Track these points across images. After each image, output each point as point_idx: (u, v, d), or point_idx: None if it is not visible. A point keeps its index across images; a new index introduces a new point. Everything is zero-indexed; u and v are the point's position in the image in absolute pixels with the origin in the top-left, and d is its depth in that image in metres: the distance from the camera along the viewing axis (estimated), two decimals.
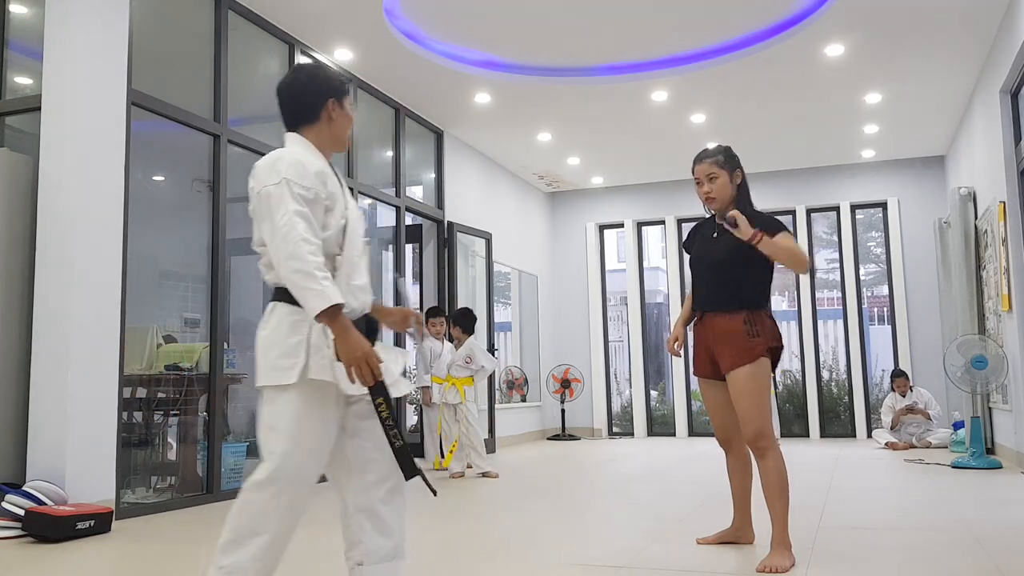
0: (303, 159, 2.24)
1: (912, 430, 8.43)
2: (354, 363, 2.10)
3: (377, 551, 2.34)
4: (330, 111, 2.35)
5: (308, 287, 2.08)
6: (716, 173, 3.39)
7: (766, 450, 3.19)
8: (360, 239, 2.40)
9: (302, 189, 2.17)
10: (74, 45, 4.50)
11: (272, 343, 2.19)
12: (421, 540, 3.96)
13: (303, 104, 2.35)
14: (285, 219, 2.12)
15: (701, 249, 3.47)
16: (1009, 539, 3.61)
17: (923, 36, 6.35)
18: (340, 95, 2.38)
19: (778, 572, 2.99)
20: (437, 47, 6.55)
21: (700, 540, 3.58)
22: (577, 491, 5.55)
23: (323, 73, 2.39)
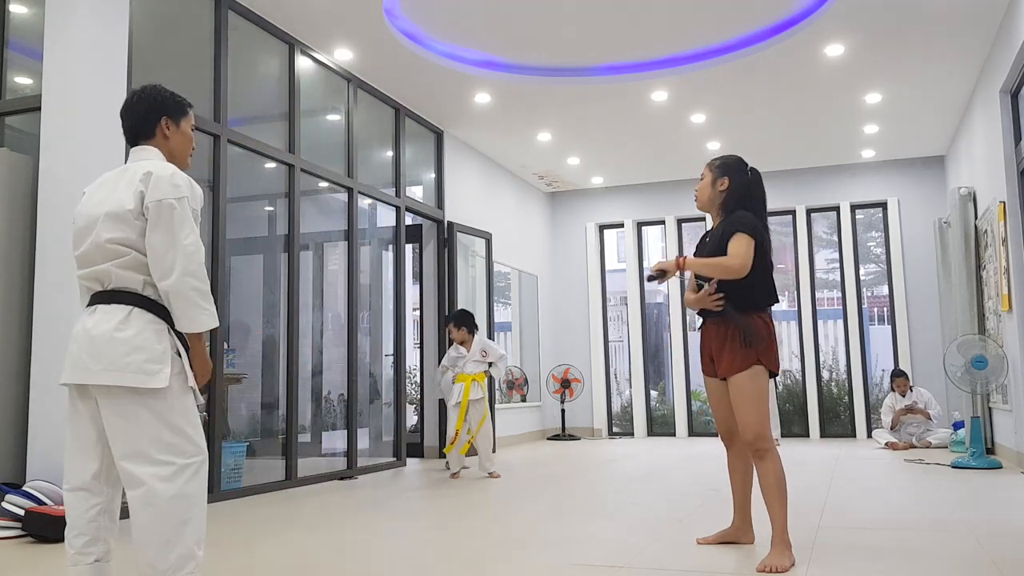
0: (191, 180, 2.43)
1: (912, 430, 8.43)
2: (205, 375, 2.45)
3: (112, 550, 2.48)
4: (163, 129, 2.54)
5: (203, 306, 2.37)
6: (704, 175, 3.56)
7: (765, 452, 3.24)
8: None
9: (192, 211, 2.38)
10: (74, 45, 4.50)
11: (137, 346, 2.32)
12: (421, 540, 3.96)
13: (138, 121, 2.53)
14: (191, 239, 2.34)
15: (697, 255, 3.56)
16: (1009, 539, 3.61)
17: (923, 36, 6.35)
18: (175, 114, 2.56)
19: (778, 572, 3.00)
20: (437, 47, 6.55)
21: (700, 540, 3.58)
22: (577, 491, 5.55)
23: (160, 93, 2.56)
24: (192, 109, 2.65)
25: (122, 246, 2.36)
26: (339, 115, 6.93)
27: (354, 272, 6.84)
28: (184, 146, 2.60)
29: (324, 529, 4.19)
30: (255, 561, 3.44)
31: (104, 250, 2.37)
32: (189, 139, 2.61)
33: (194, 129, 2.65)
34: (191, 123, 2.61)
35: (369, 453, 7.58)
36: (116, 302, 2.37)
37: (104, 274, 2.38)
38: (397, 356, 7.47)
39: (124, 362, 2.29)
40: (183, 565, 2.27)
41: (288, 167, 6.18)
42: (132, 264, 2.36)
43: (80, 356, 2.34)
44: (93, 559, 2.40)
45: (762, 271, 3.33)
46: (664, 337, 11.52)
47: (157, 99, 2.54)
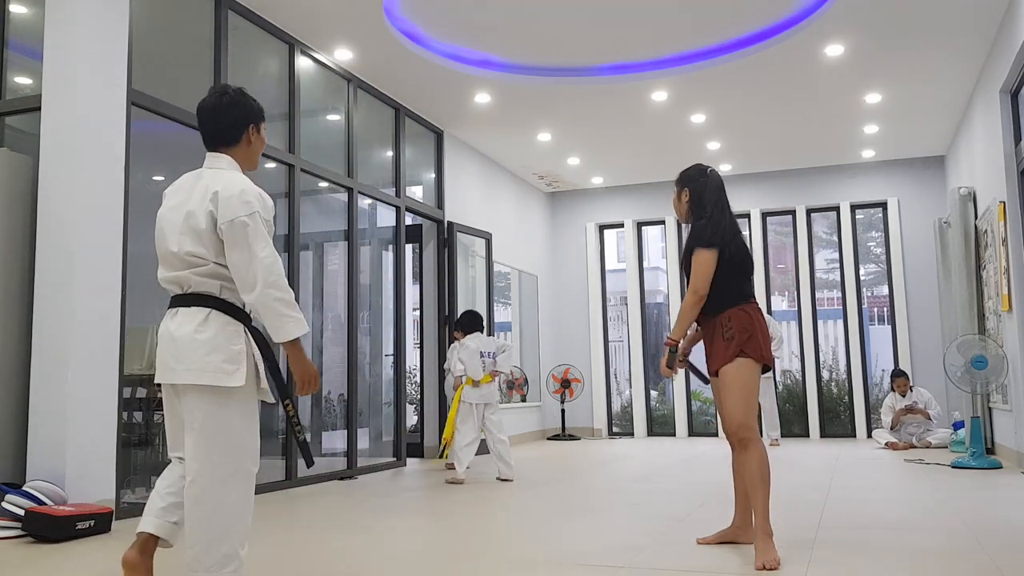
0: (261, 191, 2.52)
1: (912, 430, 8.43)
2: (308, 380, 2.51)
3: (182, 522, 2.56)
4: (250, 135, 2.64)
5: (290, 315, 2.43)
6: (674, 192, 3.66)
7: (748, 441, 3.30)
8: None
9: (265, 223, 2.47)
10: (74, 45, 4.50)
11: (215, 347, 2.44)
12: (421, 540, 3.96)
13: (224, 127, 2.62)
14: (267, 252, 2.43)
15: None
16: (1009, 539, 3.61)
17: (923, 36, 6.35)
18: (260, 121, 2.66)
19: (773, 568, 3.04)
20: (437, 47, 6.55)
21: (700, 540, 3.58)
22: (577, 491, 5.55)
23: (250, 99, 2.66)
24: None
25: (199, 257, 2.47)
26: (339, 115, 6.93)
27: (354, 272, 6.84)
28: (259, 151, 2.73)
29: (324, 529, 4.19)
30: (255, 561, 3.44)
31: (183, 260, 2.49)
32: (263, 144, 2.74)
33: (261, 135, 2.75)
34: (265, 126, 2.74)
35: (369, 453, 7.57)
36: (196, 304, 2.48)
37: (184, 280, 2.50)
38: (397, 356, 7.47)
39: (204, 361, 2.42)
40: (226, 564, 2.40)
41: (288, 167, 6.18)
42: (209, 272, 2.48)
43: (165, 357, 2.49)
44: (174, 519, 2.56)
45: (727, 276, 3.39)
46: (664, 337, 11.51)
47: (249, 106, 2.65)
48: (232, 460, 2.43)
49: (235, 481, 2.42)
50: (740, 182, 10.25)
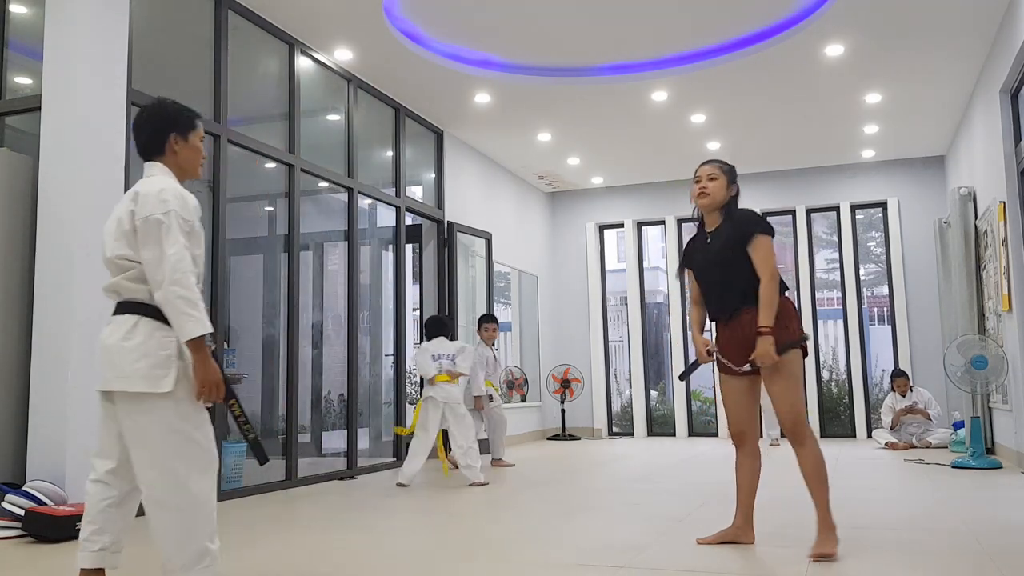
0: (185, 193, 2.55)
1: (912, 430, 8.43)
2: (209, 385, 2.50)
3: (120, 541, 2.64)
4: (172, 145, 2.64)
5: (190, 314, 2.43)
6: (717, 175, 3.55)
7: (804, 437, 3.30)
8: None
9: (183, 222, 2.49)
10: (74, 45, 4.49)
11: (144, 353, 2.47)
12: (421, 540, 3.96)
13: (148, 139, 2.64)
14: (175, 249, 2.44)
15: (702, 257, 3.53)
16: (1009, 539, 3.61)
17: (923, 36, 6.35)
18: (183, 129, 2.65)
19: (828, 558, 3.10)
20: (437, 47, 6.55)
21: (700, 540, 3.58)
22: (577, 491, 5.55)
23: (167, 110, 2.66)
24: (200, 120, 2.74)
25: (128, 260, 2.51)
26: (339, 115, 6.93)
27: (354, 272, 6.84)
28: (193, 159, 2.71)
29: (324, 529, 4.19)
30: (255, 561, 3.44)
31: (115, 265, 2.54)
32: (197, 151, 2.72)
33: (202, 140, 2.74)
34: (200, 135, 2.72)
35: (369, 453, 7.57)
36: (127, 312, 2.53)
37: (118, 286, 2.54)
38: (397, 356, 7.47)
39: (132, 369, 2.46)
40: (199, 560, 2.46)
41: (288, 167, 6.18)
42: (138, 276, 2.51)
43: (100, 365, 2.54)
44: (98, 547, 2.59)
45: None
46: (664, 337, 11.52)
47: (165, 116, 2.66)
48: (184, 461, 2.46)
49: (192, 481, 2.46)
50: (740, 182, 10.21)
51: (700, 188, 3.52)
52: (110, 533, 2.61)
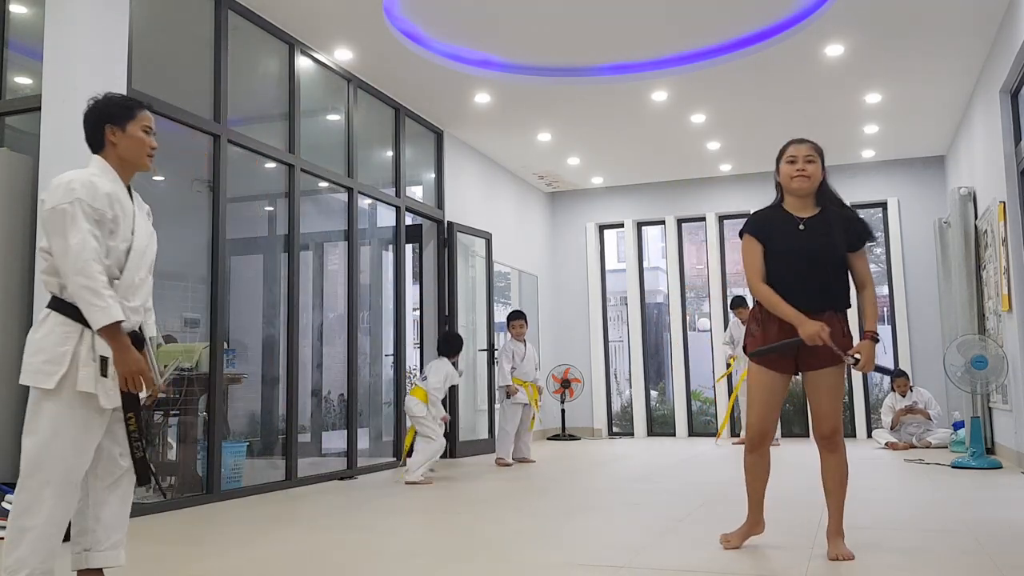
0: (96, 181, 2.49)
1: (912, 430, 8.43)
2: (130, 375, 2.41)
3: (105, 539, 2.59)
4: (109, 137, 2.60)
5: (95, 303, 2.34)
6: (815, 157, 3.30)
7: (839, 445, 3.30)
8: (147, 263, 2.62)
9: (91, 210, 2.42)
10: (74, 45, 4.49)
11: (40, 348, 2.43)
12: (421, 540, 3.96)
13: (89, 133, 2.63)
14: (78, 238, 2.37)
15: (791, 243, 3.25)
16: (1009, 539, 3.61)
17: (923, 36, 6.35)
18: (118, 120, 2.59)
19: (847, 559, 3.15)
20: (437, 47, 6.55)
21: (727, 545, 3.41)
22: (577, 491, 5.55)
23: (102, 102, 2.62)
24: (143, 109, 2.65)
25: (45, 252, 2.48)
26: (339, 115, 6.93)
27: (354, 272, 6.84)
28: (133, 149, 2.62)
29: (324, 529, 4.19)
30: (255, 561, 3.44)
31: (39, 259, 2.52)
32: (139, 142, 2.63)
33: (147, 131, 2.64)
34: (142, 124, 2.63)
35: (369, 453, 7.57)
36: (47, 306, 2.50)
37: (43, 280, 2.52)
38: (397, 356, 7.47)
39: (28, 361, 2.44)
40: (17, 570, 2.33)
41: (288, 167, 6.18)
42: (50, 268, 2.47)
43: None
44: (80, 548, 2.58)
45: None
46: (664, 337, 11.51)
47: (100, 109, 2.62)
48: (29, 464, 2.39)
49: (23, 491, 2.38)
50: (740, 182, 10.25)
51: (799, 171, 3.24)
52: (89, 533, 2.57)
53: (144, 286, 2.61)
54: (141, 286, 2.59)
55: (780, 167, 3.35)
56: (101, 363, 2.41)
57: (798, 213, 3.29)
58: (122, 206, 2.54)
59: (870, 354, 3.17)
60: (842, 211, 3.31)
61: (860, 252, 3.26)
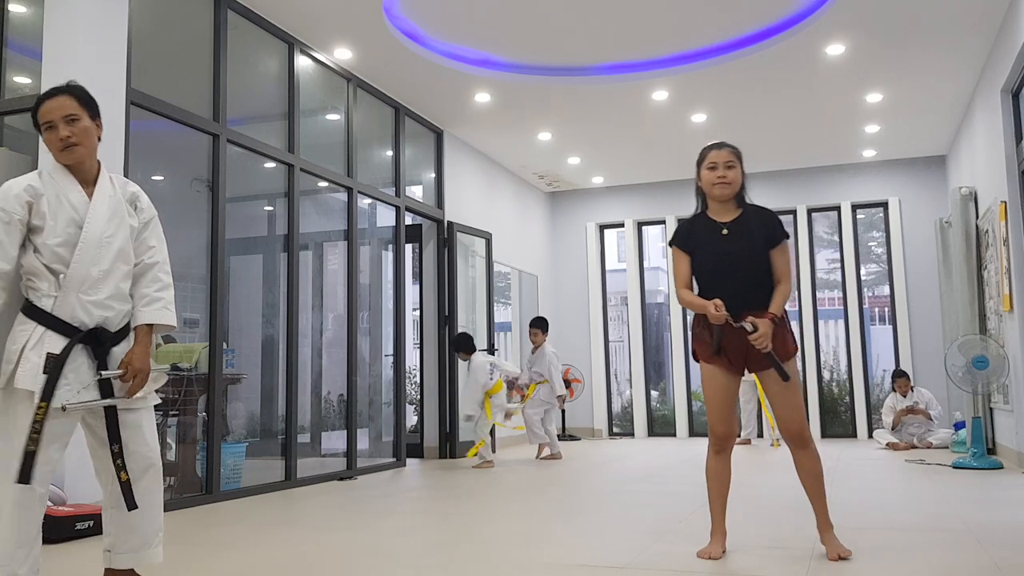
0: (13, 183, 2.50)
1: (913, 430, 8.42)
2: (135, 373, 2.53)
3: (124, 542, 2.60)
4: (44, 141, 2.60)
5: None
6: (734, 163, 3.39)
7: (808, 441, 3.29)
8: (109, 254, 2.55)
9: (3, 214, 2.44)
10: (74, 45, 4.49)
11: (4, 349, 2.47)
12: (421, 540, 3.95)
13: None
14: None
15: (715, 248, 3.33)
16: (1009, 539, 3.60)
17: (924, 36, 6.34)
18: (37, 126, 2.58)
19: (846, 557, 3.18)
20: (437, 47, 6.54)
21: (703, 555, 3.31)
22: (577, 491, 5.54)
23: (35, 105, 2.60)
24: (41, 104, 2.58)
25: None
26: (339, 115, 6.92)
27: (354, 272, 6.84)
28: (49, 144, 2.58)
29: (324, 529, 4.18)
30: (254, 561, 3.43)
31: None
32: (49, 142, 2.57)
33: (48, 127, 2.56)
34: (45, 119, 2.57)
35: (369, 453, 7.57)
36: None
37: None
38: (397, 356, 7.46)
39: None
40: None
41: (288, 167, 6.18)
42: None
43: None
44: (104, 548, 2.62)
45: None
46: (664, 337, 11.51)
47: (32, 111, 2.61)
48: None
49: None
50: None
51: (719, 177, 3.34)
52: (111, 534, 2.60)
53: (110, 278, 2.54)
54: (105, 278, 2.53)
55: (701, 173, 3.43)
56: (46, 360, 2.40)
57: (720, 218, 3.39)
58: (59, 201, 2.50)
59: (766, 330, 3.14)
60: (759, 211, 3.41)
61: (779, 248, 3.33)
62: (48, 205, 2.49)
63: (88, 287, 2.50)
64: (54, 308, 2.46)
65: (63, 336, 2.45)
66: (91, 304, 2.50)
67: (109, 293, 2.55)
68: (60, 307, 2.46)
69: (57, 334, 2.44)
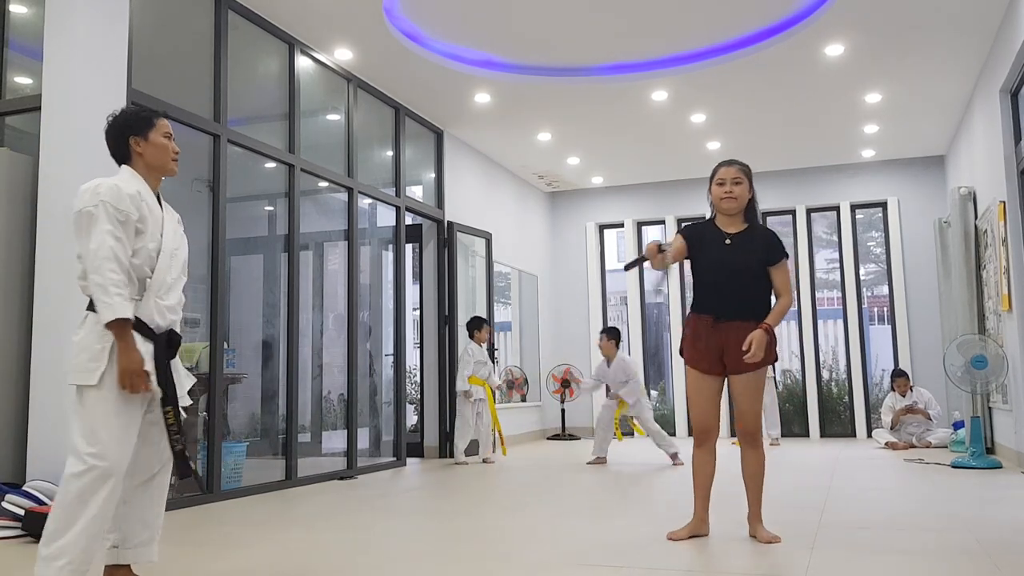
0: (121, 184, 2.61)
1: (912, 430, 8.43)
2: (126, 375, 2.49)
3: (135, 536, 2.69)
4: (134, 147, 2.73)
5: (102, 300, 2.47)
6: (741, 179, 3.68)
7: (758, 443, 3.61)
8: (178, 264, 2.75)
9: (116, 211, 2.55)
10: (74, 45, 4.50)
11: (83, 347, 2.55)
12: (421, 540, 3.96)
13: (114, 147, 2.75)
14: (99, 238, 2.51)
15: (717, 256, 3.60)
16: (1009, 539, 3.61)
17: (923, 36, 6.35)
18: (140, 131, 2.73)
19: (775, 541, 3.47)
20: (437, 47, 6.55)
21: (671, 536, 3.65)
22: (577, 491, 5.55)
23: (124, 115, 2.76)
24: (161, 117, 2.81)
25: (79, 257, 2.61)
26: (339, 115, 6.93)
27: (354, 272, 6.84)
28: (159, 155, 2.78)
29: (324, 529, 4.19)
30: (255, 560, 3.44)
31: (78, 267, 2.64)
32: (163, 148, 2.79)
33: (170, 137, 2.80)
34: (162, 131, 2.79)
35: (369, 453, 7.58)
36: (87, 308, 2.62)
37: (80, 284, 2.64)
38: (397, 356, 7.47)
39: (75, 362, 2.54)
40: (57, 557, 2.42)
41: (288, 167, 6.18)
42: (82, 273, 2.60)
43: None
44: (109, 544, 2.68)
45: None
46: (664, 337, 11.52)
47: (121, 122, 2.75)
48: (74, 456, 2.48)
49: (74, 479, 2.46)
50: None
51: (727, 193, 3.61)
52: (118, 530, 2.67)
53: (177, 285, 2.74)
54: (174, 285, 2.72)
55: (711, 188, 3.70)
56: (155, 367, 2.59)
57: (727, 229, 3.65)
58: (150, 209, 2.67)
59: (758, 339, 3.39)
60: (764, 230, 3.68)
61: (778, 266, 3.56)
62: (149, 211, 2.65)
63: (163, 292, 2.66)
64: (137, 310, 2.58)
65: (145, 338, 2.58)
66: (165, 308, 2.66)
67: (176, 299, 2.73)
68: (142, 310, 2.59)
69: (141, 336, 2.57)
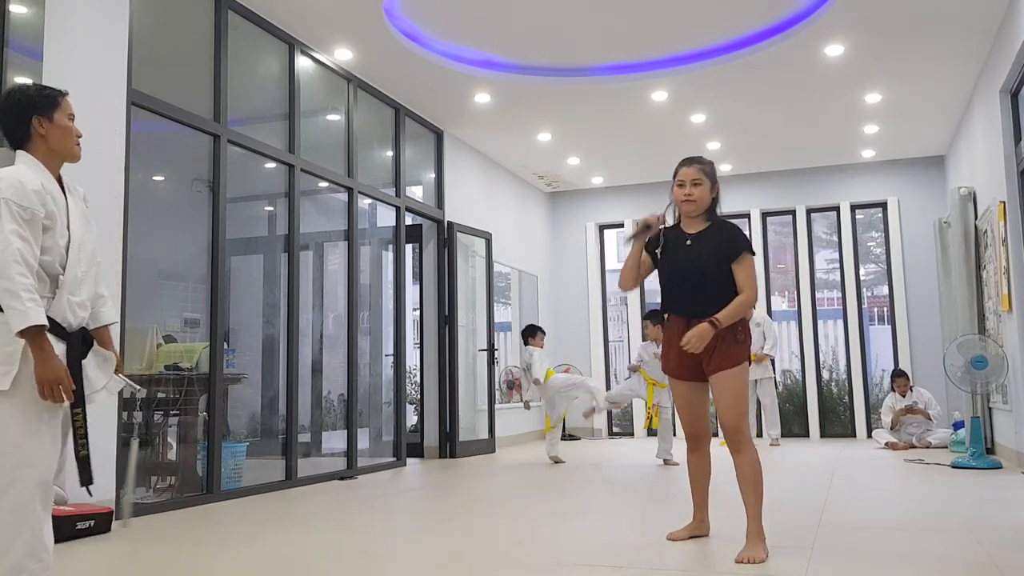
0: (23, 179, 2.36)
1: (912, 430, 8.43)
2: (47, 384, 2.28)
3: None
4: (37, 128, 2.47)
5: (13, 306, 2.23)
6: (701, 180, 3.57)
7: (742, 445, 3.37)
8: (88, 256, 2.52)
9: (20, 209, 2.31)
10: (74, 45, 4.50)
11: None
12: (421, 540, 3.96)
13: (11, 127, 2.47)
14: (3, 239, 2.25)
15: (676, 257, 3.58)
16: (1009, 539, 3.61)
17: (923, 36, 6.35)
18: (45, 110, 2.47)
19: (755, 562, 3.14)
20: (437, 47, 6.55)
21: (672, 536, 3.64)
22: (577, 491, 5.55)
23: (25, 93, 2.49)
24: (65, 96, 2.56)
25: None
26: (339, 115, 6.93)
27: (354, 272, 6.84)
28: (63, 138, 2.53)
29: (324, 529, 4.19)
30: (255, 560, 3.44)
31: None
32: (67, 130, 2.54)
33: (73, 119, 2.56)
34: (67, 112, 2.55)
35: (369, 453, 7.58)
36: None
37: None
38: (397, 356, 7.47)
39: None
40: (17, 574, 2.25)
41: (288, 167, 6.18)
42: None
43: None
44: None
45: None
46: None
47: (23, 100, 2.49)
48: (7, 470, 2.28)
49: (13, 491, 2.26)
50: (740, 182, 10.25)
51: (686, 195, 3.56)
52: None
53: (88, 279, 2.52)
54: (84, 279, 2.50)
55: (673, 188, 3.66)
56: None
57: (689, 230, 3.61)
58: (55, 201, 2.43)
59: (698, 332, 3.33)
60: (724, 225, 3.56)
61: (738, 261, 3.44)
62: (55, 204, 2.42)
63: (75, 288, 2.45)
64: (50, 310, 2.37)
65: (59, 339, 2.38)
66: (76, 304, 2.45)
67: (88, 294, 2.51)
68: (55, 309, 2.39)
69: (55, 337, 2.36)
